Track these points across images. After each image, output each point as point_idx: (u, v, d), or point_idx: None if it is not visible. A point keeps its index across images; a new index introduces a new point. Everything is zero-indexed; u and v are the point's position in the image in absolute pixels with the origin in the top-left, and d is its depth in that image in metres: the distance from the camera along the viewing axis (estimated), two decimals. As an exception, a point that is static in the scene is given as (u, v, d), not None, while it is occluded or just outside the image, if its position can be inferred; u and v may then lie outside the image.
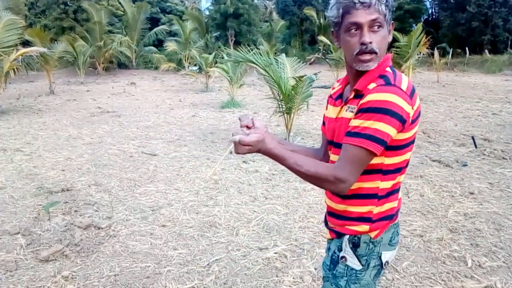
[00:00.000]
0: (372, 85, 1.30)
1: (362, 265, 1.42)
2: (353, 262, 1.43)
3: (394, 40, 11.87)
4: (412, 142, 1.37)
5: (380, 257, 1.43)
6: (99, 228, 3.69)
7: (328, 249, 1.56)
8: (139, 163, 5.72)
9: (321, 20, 27.96)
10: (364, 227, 1.40)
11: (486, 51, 22.52)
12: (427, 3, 28.56)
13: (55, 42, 15.95)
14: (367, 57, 1.29)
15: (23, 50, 10.99)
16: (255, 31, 26.78)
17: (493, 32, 22.89)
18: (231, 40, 24.84)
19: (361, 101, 1.29)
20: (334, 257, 1.48)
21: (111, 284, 2.85)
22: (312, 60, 22.81)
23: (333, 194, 1.46)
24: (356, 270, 1.43)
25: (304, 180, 1.36)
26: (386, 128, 1.24)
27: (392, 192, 1.41)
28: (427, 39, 12.39)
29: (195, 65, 19.12)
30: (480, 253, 3.22)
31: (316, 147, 1.68)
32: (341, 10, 1.30)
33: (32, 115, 9.61)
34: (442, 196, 4.43)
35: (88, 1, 21.28)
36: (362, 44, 1.28)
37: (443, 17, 25.53)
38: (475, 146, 6.30)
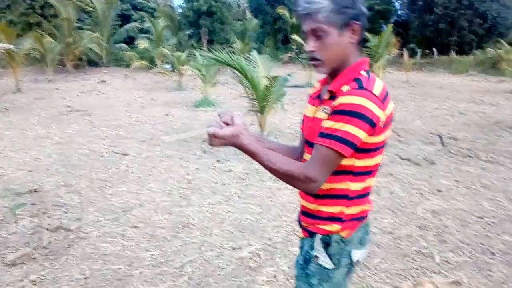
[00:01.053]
0: (345, 88, 1.33)
1: (334, 264, 1.44)
2: (325, 261, 1.44)
3: (365, 40, 12.10)
4: (383, 146, 1.40)
5: (350, 256, 1.45)
6: (68, 230, 3.60)
7: (301, 247, 1.57)
8: (110, 163, 5.61)
9: (294, 20, 28.12)
10: (336, 227, 1.42)
11: (453, 52, 23.21)
12: (397, 5, 29.19)
13: (22, 38, 15.42)
14: (313, 63, 1.39)
15: (-13, 46, 10.61)
16: (229, 29, 26.70)
17: (459, 33, 23.58)
18: (205, 38, 24.68)
19: (333, 103, 1.32)
20: (307, 256, 1.50)
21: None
22: (286, 59, 22.92)
23: (306, 193, 1.48)
24: (328, 269, 1.45)
25: (277, 178, 1.37)
26: (356, 131, 1.27)
27: (363, 195, 1.44)
28: (397, 39, 12.68)
29: (168, 63, 18.90)
30: (447, 249, 3.32)
31: (295, 145, 1.70)
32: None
33: (-3, 113, 9.28)
34: (411, 193, 4.55)
35: (56, -4, 20.62)
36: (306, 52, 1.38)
37: (412, 19, 26.13)
38: (443, 144, 6.50)
